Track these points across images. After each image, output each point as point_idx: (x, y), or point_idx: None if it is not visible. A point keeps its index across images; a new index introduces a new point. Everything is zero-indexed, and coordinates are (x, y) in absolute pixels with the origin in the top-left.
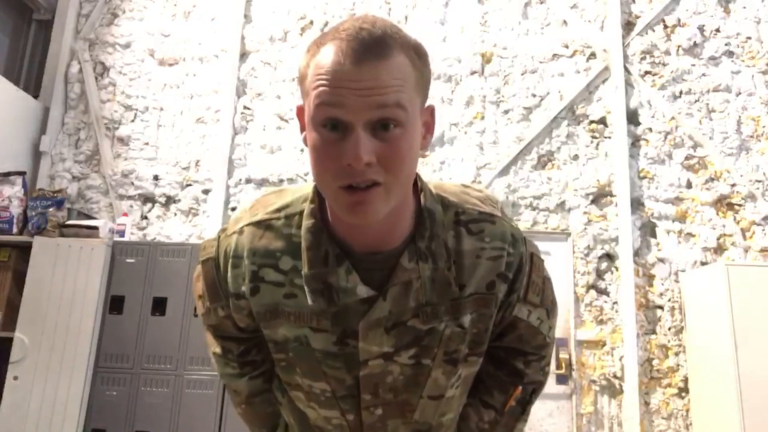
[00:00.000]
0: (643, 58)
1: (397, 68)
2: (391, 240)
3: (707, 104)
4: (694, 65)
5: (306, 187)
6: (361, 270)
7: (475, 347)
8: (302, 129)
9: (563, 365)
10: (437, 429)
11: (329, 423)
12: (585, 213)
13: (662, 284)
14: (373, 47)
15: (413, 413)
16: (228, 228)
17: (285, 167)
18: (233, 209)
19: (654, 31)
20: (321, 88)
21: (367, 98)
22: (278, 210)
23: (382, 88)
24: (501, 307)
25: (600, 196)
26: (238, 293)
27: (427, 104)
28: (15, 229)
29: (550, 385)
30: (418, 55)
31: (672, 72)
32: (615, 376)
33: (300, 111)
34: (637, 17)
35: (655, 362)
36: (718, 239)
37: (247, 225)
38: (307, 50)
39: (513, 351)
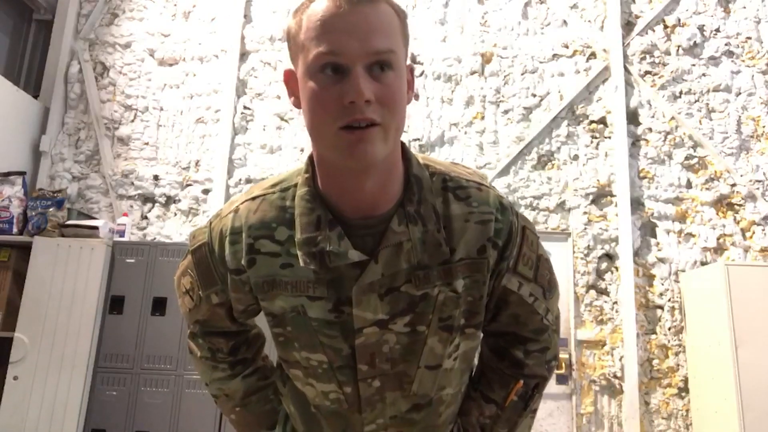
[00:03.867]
0: (643, 58)
1: (385, 14)
2: (381, 205)
3: (707, 104)
4: (694, 65)
5: (300, 166)
6: (354, 236)
7: (471, 317)
8: (290, 94)
9: (563, 365)
10: (437, 404)
11: (327, 398)
12: (585, 213)
13: (662, 284)
14: None
15: (411, 385)
16: (222, 211)
17: (285, 167)
18: None
19: (654, 31)
20: (318, 35)
21: (363, 41)
22: (273, 186)
23: (375, 31)
24: (492, 274)
25: (600, 196)
26: (238, 268)
27: (415, 86)
28: (15, 229)
29: (550, 385)
30: (400, 12)
31: (672, 72)
32: (615, 376)
33: (289, 75)
34: (637, 17)
35: (655, 362)
36: (718, 239)
37: (243, 203)
38: (294, 12)
39: (512, 337)
